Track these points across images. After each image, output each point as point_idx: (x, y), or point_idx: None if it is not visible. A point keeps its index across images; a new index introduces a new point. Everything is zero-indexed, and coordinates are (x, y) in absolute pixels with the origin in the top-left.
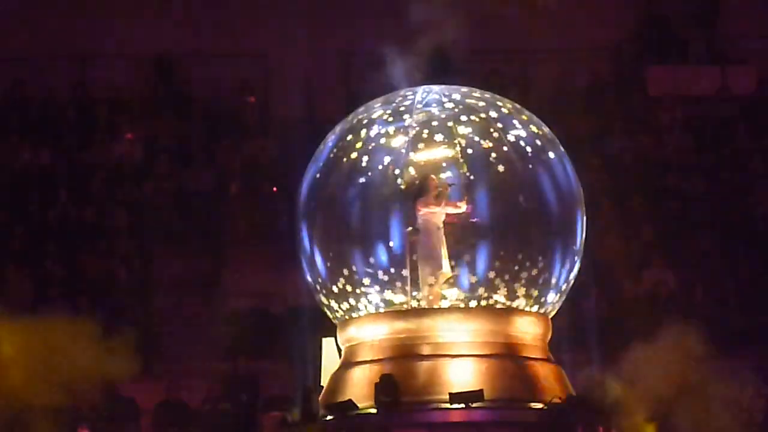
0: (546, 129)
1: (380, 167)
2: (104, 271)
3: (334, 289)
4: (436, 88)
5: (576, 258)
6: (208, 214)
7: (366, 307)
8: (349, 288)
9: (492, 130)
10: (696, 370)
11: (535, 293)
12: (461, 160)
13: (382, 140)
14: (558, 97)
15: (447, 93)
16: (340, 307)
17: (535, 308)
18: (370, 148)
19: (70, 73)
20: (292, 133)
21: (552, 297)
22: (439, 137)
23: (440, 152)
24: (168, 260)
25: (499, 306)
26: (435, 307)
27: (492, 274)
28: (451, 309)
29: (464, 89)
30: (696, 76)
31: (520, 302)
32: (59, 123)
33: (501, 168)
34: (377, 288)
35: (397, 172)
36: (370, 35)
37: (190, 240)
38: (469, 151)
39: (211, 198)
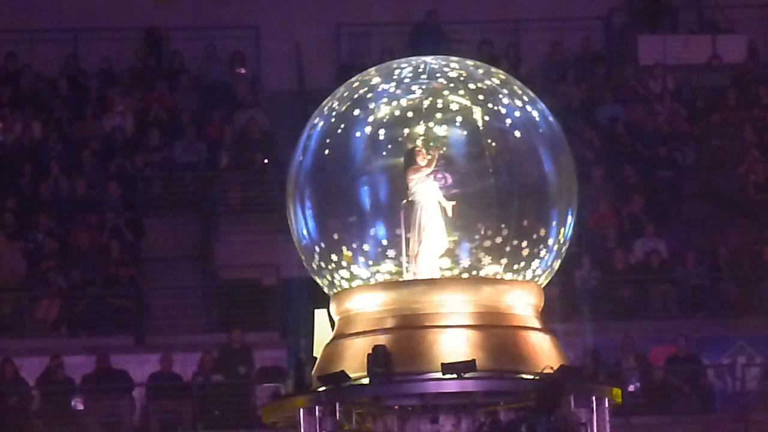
0: (536, 97)
1: (383, 138)
2: (96, 243)
3: (326, 260)
4: (428, 58)
5: (569, 227)
6: (199, 187)
7: (359, 278)
8: (341, 259)
9: (501, 96)
10: None
11: (529, 263)
12: (481, 128)
13: (390, 112)
14: (549, 67)
15: (445, 62)
16: (332, 279)
17: (527, 278)
18: (382, 120)
19: (61, 47)
20: (283, 105)
21: (545, 266)
22: (454, 106)
23: (456, 121)
24: (159, 233)
25: (491, 276)
26: (427, 278)
27: (485, 244)
28: (444, 280)
29: (456, 59)
30: (687, 45)
31: (513, 272)
32: (51, 96)
33: (518, 134)
34: (370, 259)
35: (418, 143)
36: (360, 7)
37: (181, 212)
38: (486, 118)
39: (203, 170)
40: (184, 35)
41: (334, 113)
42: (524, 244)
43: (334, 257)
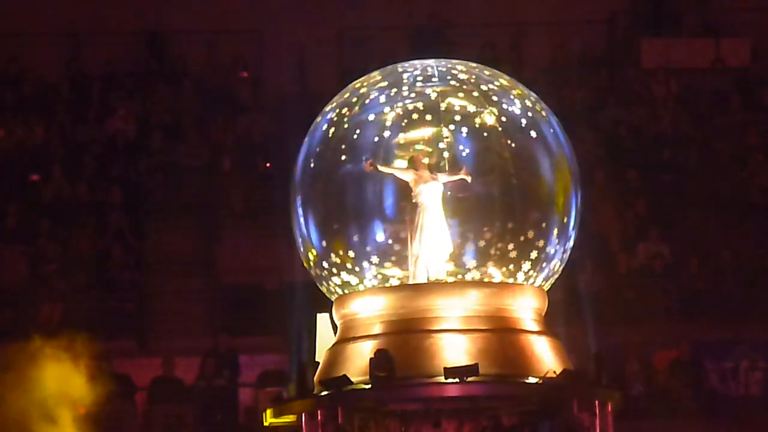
0: (539, 99)
1: (394, 142)
2: (98, 247)
3: (329, 264)
4: (431, 62)
5: (571, 231)
6: (201, 191)
7: (361, 282)
8: (344, 263)
9: (512, 97)
10: None
11: (532, 267)
12: (499, 129)
13: (404, 115)
14: (552, 70)
15: (451, 66)
16: (335, 283)
17: (530, 282)
18: (394, 123)
19: (63, 50)
20: (286, 109)
21: (548, 270)
22: (471, 108)
23: (475, 124)
24: (162, 237)
25: (494, 280)
26: (430, 282)
27: (488, 248)
28: (447, 284)
29: (459, 62)
30: (690, 48)
31: (516, 276)
32: (53, 100)
33: (534, 134)
34: (373, 263)
35: (424, 146)
36: (362, 11)
37: (183, 216)
38: (503, 119)
39: (205, 174)
40: (186, 39)
41: (345, 118)
42: (527, 246)
43: (333, 262)
